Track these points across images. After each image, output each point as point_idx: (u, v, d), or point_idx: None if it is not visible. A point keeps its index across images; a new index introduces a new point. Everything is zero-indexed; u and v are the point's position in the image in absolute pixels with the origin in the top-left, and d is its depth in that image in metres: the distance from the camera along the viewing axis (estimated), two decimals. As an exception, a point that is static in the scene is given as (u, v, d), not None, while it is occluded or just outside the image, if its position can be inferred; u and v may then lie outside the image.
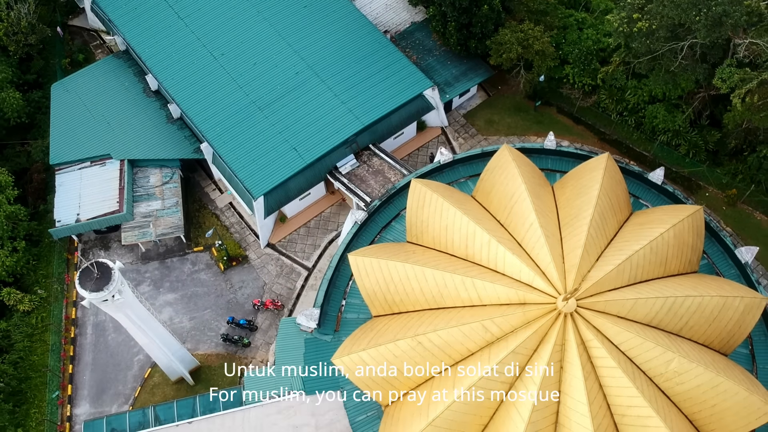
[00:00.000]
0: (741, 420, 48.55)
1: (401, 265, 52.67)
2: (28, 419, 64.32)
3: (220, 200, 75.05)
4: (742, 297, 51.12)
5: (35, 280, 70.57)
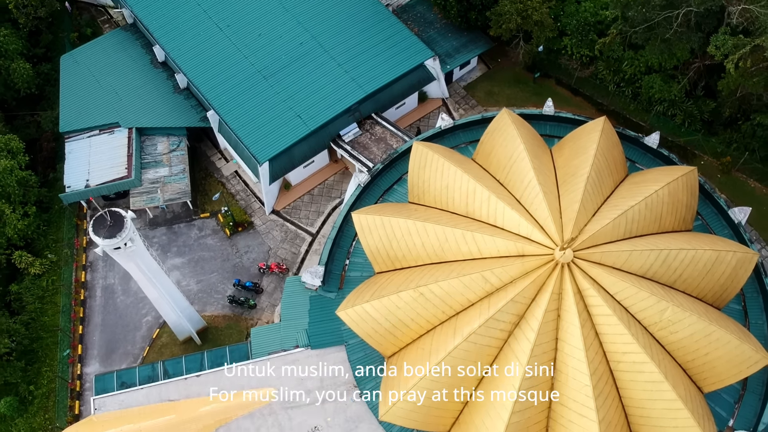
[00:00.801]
0: (733, 368, 49.90)
1: (403, 221, 54.00)
2: (39, 377, 65.75)
3: (226, 169, 76.39)
4: (734, 252, 52.43)
5: (45, 245, 71.92)
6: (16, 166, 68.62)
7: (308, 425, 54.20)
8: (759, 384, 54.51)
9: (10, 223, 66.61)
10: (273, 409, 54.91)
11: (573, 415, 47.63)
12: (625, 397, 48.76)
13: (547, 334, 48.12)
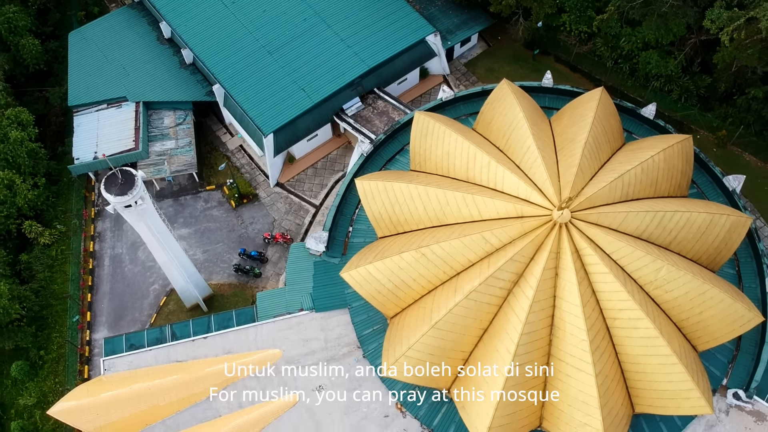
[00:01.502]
0: (726, 327, 50.99)
1: (405, 186, 55.16)
2: (49, 343, 67.01)
3: (231, 143, 77.61)
4: (728, 215, 53.52)
5: (54, 216, 73.15)
6: (26, 137, 69.89)
7: (313, 384, 55.33)
8: (752, 345, 55.63)
9: (21, 193, 67.87)
10: (279, 369, 56.10)
11: (570, 369, 48.71)
12: (621, 353, 49.79)
13: (545, 291, 49.12)
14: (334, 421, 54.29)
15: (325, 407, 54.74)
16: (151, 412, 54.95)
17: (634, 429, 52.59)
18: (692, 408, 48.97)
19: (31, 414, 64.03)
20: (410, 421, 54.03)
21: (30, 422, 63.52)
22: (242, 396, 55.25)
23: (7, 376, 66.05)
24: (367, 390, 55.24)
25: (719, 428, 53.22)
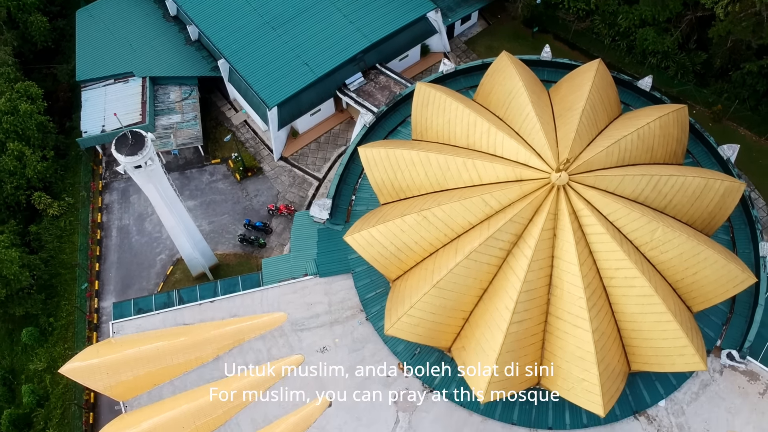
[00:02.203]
0: (720, 288, 51.92)
1: (407, 152, 56.19)
2: (59, 310, 68.21)
3: (236, 118, 78.77)
4: (722, 180, 54.51)
5: (63, 189, 74.37)
6: (35, 110, 71.06)
7: (317, 346, 56.41)
8: (745, 308, 56.74)
9: (30, 164, 69.07)
10: (284, 331, 57.14)
11: (568, 326, 49.76)
12: (618, 312, 50.79)
13: (543, 251, 50.12)
14: (337, 381, 55.33)
15: (329, 367, 55.77)
16: (160, 373, 55.99)
17: (630, 387, 53.75)
18: (687, 364, 49.93)
19: (42, 379, 65.25)
20: (412, 381, 55.15)
21: (40, 386, 64.73)
22: (248, 357, 56.32)
23: (17, 342, 67.27)
24: (370, 351, 56.38)
25: (713, 387, 54.33)
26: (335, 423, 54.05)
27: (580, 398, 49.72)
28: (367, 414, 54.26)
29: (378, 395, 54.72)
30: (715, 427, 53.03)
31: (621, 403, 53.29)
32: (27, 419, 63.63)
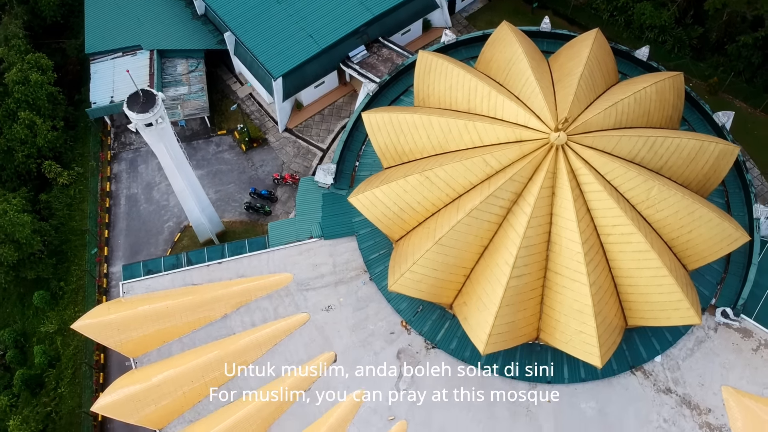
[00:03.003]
0: (715, 246, 52.91)
1: (410, 116, 57.29)
2: (69, 275, 69.48)
3: (241, 91, 79.99)
4: (717, 143, 55.59)
5: (72, 159, 75.65)
6: (46, 81, 72.26)
7: (322, 305, 57.58)
8: (739, 268, 57.85)
9: (41, 133, 70.29)
10: (290, 290, 58.33)
11: (566, 281, 50.87)
12: (615, 267, 51.82)
13: (542, 208, 51.14)
14: (342, 338, 56.53)
15: (333, 325, 56.97)
16: (169, 331, 57.18)
17: (627, 343, 54.91)
18: (682, 318, 50.97)
19: (53, 341, 66.51)
20: (415, 337, 56.34)
21: (51, 348, 66.01)
22: (255, 315, 57.52)
23: (28, 306, 68.54)
24: (374, 309, 57.54)
25: (708, 344, 55.47)
26: (340, 377, 55.20)
27: (577, 350, 50.81)
28: (370, 369, 55.43)
29: (382, 351, 55.95)
30: (710, 382, 54.07)
31: (618, 358, 54.50)
32: (39, 379, 64.95)
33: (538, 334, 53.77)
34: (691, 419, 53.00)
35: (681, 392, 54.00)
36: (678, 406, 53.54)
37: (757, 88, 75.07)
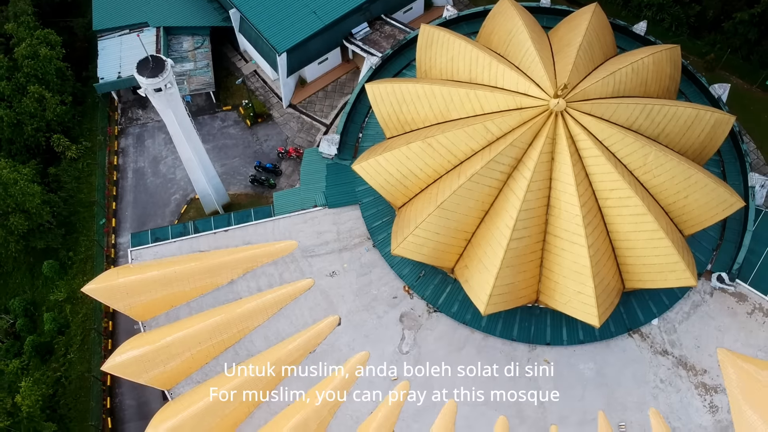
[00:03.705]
0: (710, 211, 53.79)
1: (412, 86, 58.23)
2: (77, 245, 70.60)
3: (246, 68, 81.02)
4: (713, 112, 56.51)
5: (80, 133, 76.73)
6: (54, 56, 73.28)
7: (327, 271, 58.63)
8: (735, 234, 58.89)
9: (50, 107, 71.33)
10: (295, 257, 59.34)
11: (565, 243, 51.83)
12: (612, 231, 52.73)
13: (541, 173, 52.05)
14: (346, 302, 57.59)
15: (338, 290, 58.01)
16: (177, 296, 58.18)
17: (625, 307, 56.01)
18: (678, 280, 51.92)
19: (62, 309, 67.57)
20: (417, 302, 57.41)
21: (61, 316, 67.06)
22: (261, 280, 58.54)
23: (38, 276, 69.59)
24: (377, 275, 58.61)
25: (704, 308, 56.55)
26: (344, 340, 56.29)
27: (576, 310, 51.82)
28: (374, 332, 56.49)
29: (385, 315, 57.02)
30: (706, 344, 55.14)
31: (616, 321, 55.58)
32: (48, 346, 66.04)
33: (538, 296, 54.70)
34: (687, 380, 54.03)
35: (677, 354, 55.03)
36: (674, 367, 54.56)
37: (753, 65, 76.03)
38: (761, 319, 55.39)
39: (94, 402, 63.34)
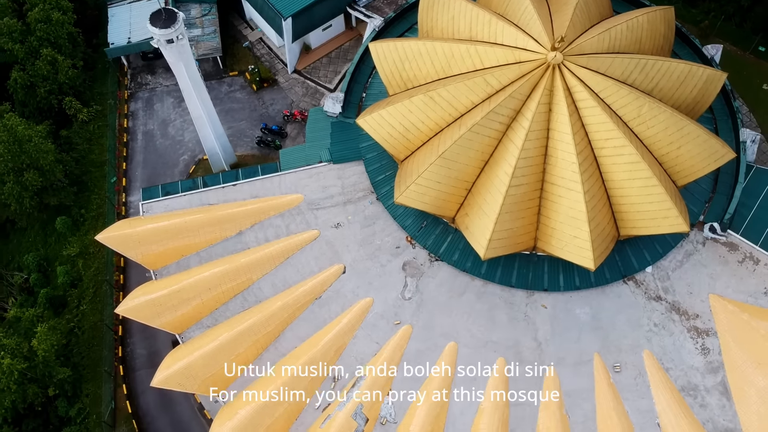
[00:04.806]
0: (702, 161, 55.39)
1: (414, 43, 59.84)
2: (89, 203, 72.27)
3: (252, 36, 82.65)
4: (705, 68, 58.16)
5: (91, 97, 78.35)
6: (66, 21, 74.90)
7: (332, 222, 60.24)
8: (727, 188, 60.44)
9: (62, 70, 72.99)
10: (301, 210, 60.98)
11: (562, 191, 53.44)
12: (608, 179, 54.30)
13: (539, 123, 53.62)
14: (351, 252, 59.21)
15: (342, 240, 59.62)
16: (186, 245, 59.80)
17: (619, 254, 57.60)
18: (671, 226, 53.60)
19: (74, 263, 69.30)
20: (419, 251, 59.07)
21: (74, 270, 68.81)
22: (268, 232, 60.21)
23: (51, 234, 71.31)
24: (380, 226, 60.21)
25: (696, 256, 58.17)
26: (349, 287, 57.96)
27: (572, 254, 53.51)
28: (377, 279, 58.15)
29: (388, 263, 58.68)
30: (698, 290, 56.78)
31: (611, 267, 57.22)
32: (62, 299, 67.76)
33: (536, 244, 56.31)
34: (679, 323, 55.71)
35: (670, 300, 56.68)
36: (667, 312, 56.22)
37: (746, 31, 77.53)
38: (751, 267, 56.89)
39: (107, 350, 65.07)
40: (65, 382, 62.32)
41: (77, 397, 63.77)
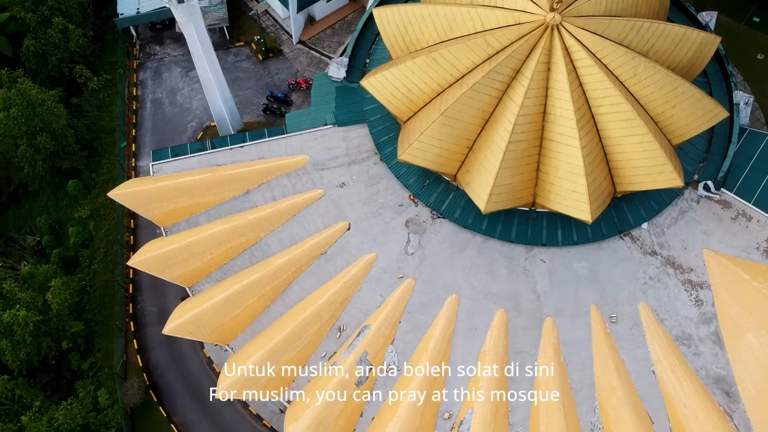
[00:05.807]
0: (696, 120, 56.56)
1: (417, 7, 60.92)
2: (100, 167, 73.71)
3: (258, 8, 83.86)
4: (699, 31, 59.42)
5: (101, 67, 79.73)
6: (76, -10, 76.53)
7: (336, 182, 61.61)
8: (721, 148, 61.82)
9: (73, 38, 74.33)
10: (306, 170, 62.36)
11: (560, 146, 54.74)
12: (605, 137, 55.52)
13: (538, 81, 54.84)
14: (355, 210, 60.60)
15: (347, 199, 60.99)
16: (196, 204, 61.23)
17: (616, 211, 58.98)
18: (666, 181, 54.82)
19: (86, 225, 70.70)
20: (422, 209, 60.44)
21: (85, 231, 70.22)
22: (275, 191, 61.61)
23: (62, 197, 72.71)
24: (384, 185, 61.54)
25: (691, 213, 59.55)
26: (354, 243, 59.37)
27: (570, 208, 54.82)
28: (381, 235, 59.56)
29: (391, 220, 60.06)
30: (692, 246, 58.16)
31: (607, 223, 58.62)
32: (73, 260, 69.21)
33: (535, 200, 57.66)
34: (674, 277, 57.10)
35: (665, 254, 58.07)
36: (663, 266, 57.61)
37: (740, 2, 78.67)
38: (744, 223, 58.24)
39: (118, 307, 66.54)
40: (78, 336, 63.85)
41: (89, 352, 65.33)
